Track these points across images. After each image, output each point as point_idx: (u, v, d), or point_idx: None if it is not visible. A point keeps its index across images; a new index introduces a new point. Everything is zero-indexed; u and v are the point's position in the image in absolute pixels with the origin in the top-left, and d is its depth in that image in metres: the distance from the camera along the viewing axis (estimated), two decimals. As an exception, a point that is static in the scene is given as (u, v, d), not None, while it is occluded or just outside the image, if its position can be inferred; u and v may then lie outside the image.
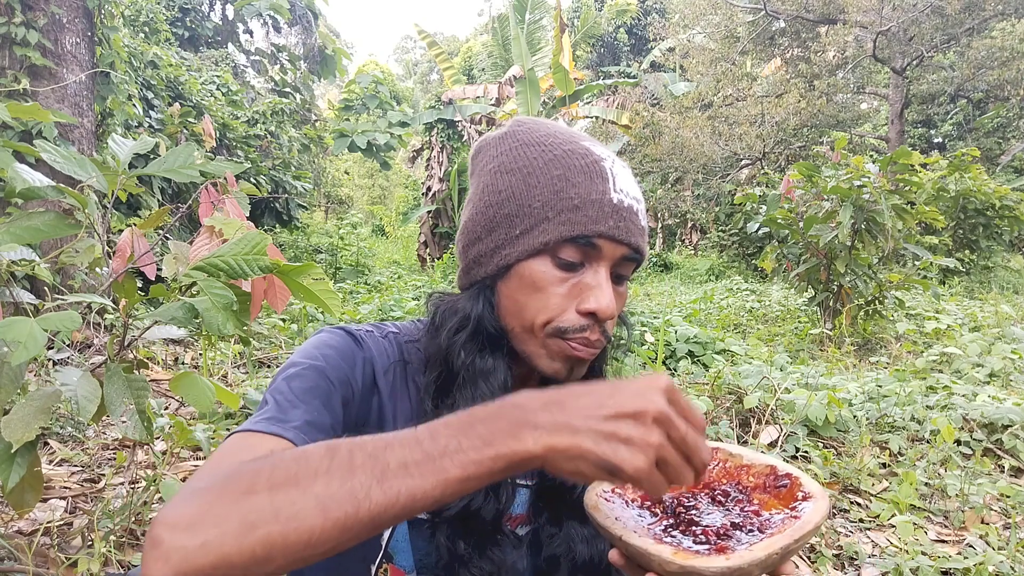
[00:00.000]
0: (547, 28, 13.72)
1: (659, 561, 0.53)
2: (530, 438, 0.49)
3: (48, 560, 1.56)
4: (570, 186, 0.70)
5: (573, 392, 0.52)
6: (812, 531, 0.53)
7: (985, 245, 8.55)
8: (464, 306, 0.75)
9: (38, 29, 3.89)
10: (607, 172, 0.72)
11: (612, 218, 0.70)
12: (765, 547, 0.52)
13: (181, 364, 3.75)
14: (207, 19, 13.47)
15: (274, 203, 8.65)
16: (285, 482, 0.50)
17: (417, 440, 0.51)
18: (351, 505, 0.49)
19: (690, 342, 4.15)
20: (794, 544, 0.52)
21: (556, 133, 0.76)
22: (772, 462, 0.62)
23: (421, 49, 35.40)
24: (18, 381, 1.25)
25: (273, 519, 0.48)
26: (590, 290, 0.70)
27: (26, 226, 1.25)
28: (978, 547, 1.99)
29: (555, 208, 0.70)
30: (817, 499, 0.56)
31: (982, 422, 2.80)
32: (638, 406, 0.49)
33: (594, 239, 0.70)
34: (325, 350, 0.73)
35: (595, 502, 0.63)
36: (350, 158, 19.14)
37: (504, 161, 0.75)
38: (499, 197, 0.74)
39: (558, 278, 0.71)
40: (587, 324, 0.70)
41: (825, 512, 0.55)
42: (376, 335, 0.79)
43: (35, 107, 1.41)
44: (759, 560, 0.51)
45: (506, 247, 0.72)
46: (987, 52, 12.31)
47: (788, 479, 0.60)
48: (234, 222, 1.40)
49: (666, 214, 16.56)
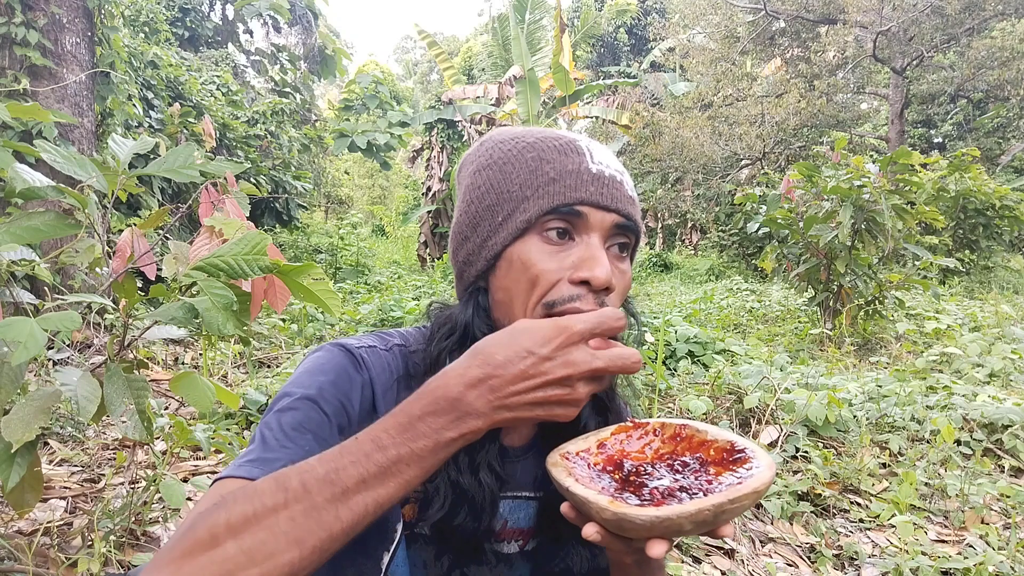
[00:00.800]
0: (547, 28, 13.72)
1: (596, 508, 0.56)
2: (472, 423, 0.54)
3: (48, 560, 1.56)
4: (545, 163, 0.70)
5: (491, 361, 0.55)
6: (749, 495, 0.54)
7: (985, 245, 8.55)
8: (454, 313, 0.75)
9: (38, 29, 3.89)
10: (583, 148, 0.72)
11: (592, 184, 0.69)
12: (697, 503, 0.53)
13: (181, 364, 3.75)
14: (207, 19, 13.47)
15: (274, 203, 8.65)
16: (246, 524, 0.51)
17: (366, 454, 0.53)
18: (323, 531, 0.51)
19: (690, 342, 4.15)
20: (728, 504, 0.53)
21: (531, 130, 0.76)
22: (733, 439, 0.63)
23: (421, 49, 35.41)
24: (18, 381, 1.25)
25: (249, 563, 0.49)
26: (582, 260, 0.67)
27: (26, 226, 1.25)
28: (978, 547, 1.99)
29: (532, 186, 0.70)
30: (763, 469, 0.57)
31: (982, 422, 2.80)
32: (563, 372, 0.55)
33: (576, 206, 0.68)
34: (319, 377, 0.70)
35: (555, 459, 0.65)
36: (350, 158, 19.14)
37: (481, 161, 0.75)
38: (479, 192, 0.73)
39: (547, 252, 0.68)
40: (577, 294, 0.66)
41: (767, 480, 0.56)
42: (379, 349, 0.76)
43: (35, 107, 1.41)
44: (688, 513, 0.52)
45: (491, 237, 0.71)
46: (987, 52, 12.31)
47: (743, 453, 0.61)
48: (234, 222, 1.40)
49: (666, 214, 16.56)
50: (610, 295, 0.68)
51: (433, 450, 0.54)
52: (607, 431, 0.70)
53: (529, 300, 0.68)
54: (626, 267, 0.72)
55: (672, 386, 3.20)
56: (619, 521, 0.54)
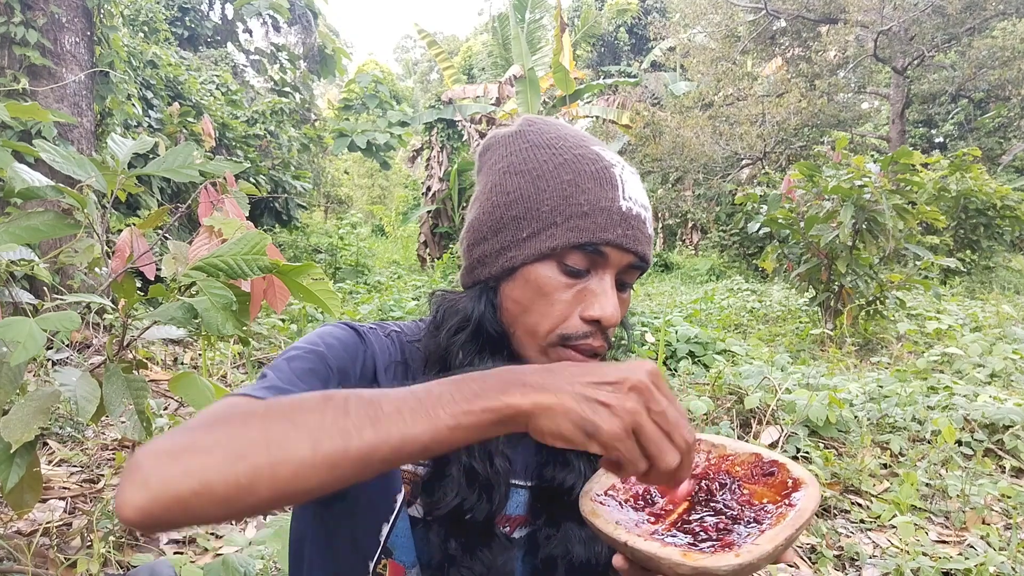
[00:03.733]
0: (547, 27, 13.71)
1: (669, 564, 0.53)
2: (519, 393, 0.52)
3: (47, 561, 1.55)
4: (580, 192, 0.70)
5: (565, 364, 0.56)
6: (810, 518, 0.54)
7: (986, 245, 8.55)
8: (466, 306, 0.75)
9: (37, 28, 3.88)
10: (617, 179, 0.71)
11: (621, 226, 0.69)
12: (770, 539, 0.52)
13: (180, 364, 3.75)
14: (206, 18, 13.47)
15: (273, 203, 8.65)
16: (280, 417, 0.50)
17: (412, 392, 0.53)
18: (342, 440, 0.49)
19: (691, 342, 4.15)
20: (795, 533, 0.53)
21: (567, 136, 0.75)
22: (755, 450, 0.62)
23: (421, 48, 35.40)
24: (17, 381, 1.24)
25: (264, 449, 0.48)
26: (595, 297, 0.69)
27: (25, 226, 1.24)
28: (979, 548, 1.99)
29: (564, 213, 0.70)
30: (808, 485, 0.56)
31: (983, 422, 2.80)
32: (619, 376, 0.53)
33: (602, 247, 0.69)
34: (328, 339, 0.72)
35: (591, 508, 0.62)
36: (350, 158, 19.14)
37: (513, 162, 0.74)
38: (507, 198, 0.73)
39: (563, 284, 0.70)
40: (590, 331, 0.70)
41: (818, 497, 0.55)
42: (379, 333, 0.78)
43: (34, 107, 1.40)
44: (767, 554, 0.51)
45: (512, 249, 0.72)
46: (988, 52, 12.30)
47: (775, 466, 0.60)
48: (233, 222, 1.40)
49: (666, 214, 16.55)
50: (610, 329, 0.71)
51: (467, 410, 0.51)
52: None
53: (540, 326, 0.70)
54: (626, 296, 0.75)
55: (673, 386, 3.20)
56: (697, 575, 0.52)
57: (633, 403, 0.52)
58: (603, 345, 0.71)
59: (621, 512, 0.62)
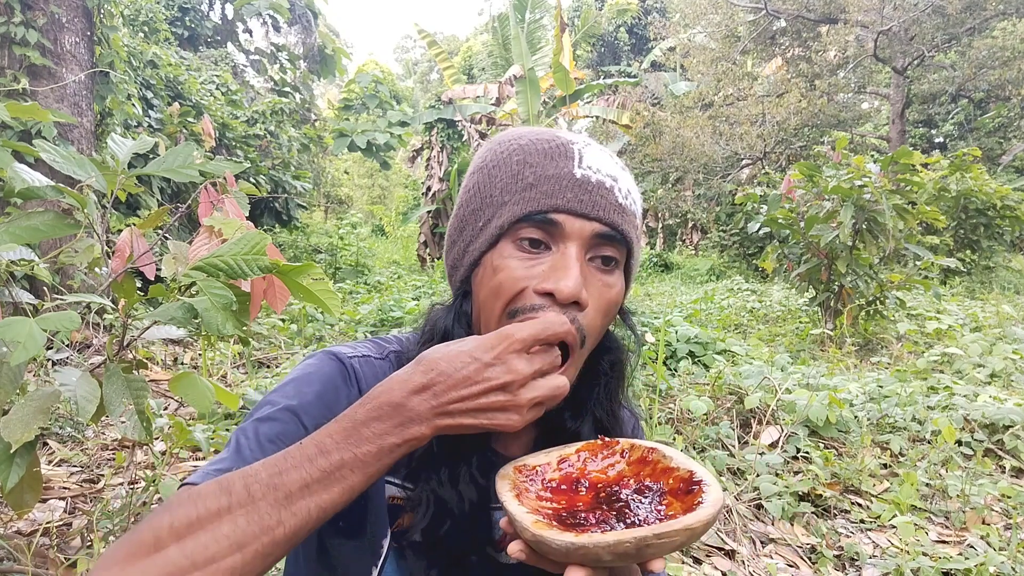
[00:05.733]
0: (547, 27, 13.71)
1: (520, 527, 0.55)
2: (415, 428, 0.55)
3: (47, 560, 1.55)
4: (527, 167, 0.67)
5: (435, 368, 0.56)
6: (680, 531, 0.52)
7: (986, 245, 8.54)
8: (439, 315, 0.74)
9: (37, 28, 3.88)
10: (572, 151, 0.68)
11: (571, 190, 0.65)
12: (618, 534, 0.52)
13: (180, 364, 3.75)
14: (206, 18, 13.47)
15: (273, 203, 8.65)
16: (188, 528, 0.51)
17: (309, 459, 0.54)
18: (266, 535, 0.51)
19: (691, 342, 4.15)
20: (654, 539, 0.51)
21: (530, 131, 0.72)
22: (694, 468, 0.62)
23: (421, 48, 35.41)
24: (17, 381, 1.24)
25: (191, 567, 0.49)
26: (552, 270, 0.64)
27: (25, 226, 1.24)
28: (979, 548, 1.99)
29: (511, 191, 0.67)
30: (706, 506, 0.55)
31: (983, 423, 2.80)
32: (505, 378, 0.55)
33: (550, 214, 0.65)
34: (305, 388, 0.69)
35: (507, 472, 0.64)
36: (350, 158, 19.14)
37: (476, 164, 0.73)
38: (467, 196, 0.72)
39: (519, 260, 0.66)
40: (542, 304, 0.64)
41: (704, 519, 0.54)
42: (373, 358, 0.75)
43: (34, 107, 1.40)
44: (606, 544, 0.51)
45: (473, 242, 0.70)
46: (988, 52, 12.30)
47: (697, 485, 0.59)
48: (233, 222, 1.40)
49: (667, 214, 16.56)
50: (583, 310, 0.65)
51: (377, 455, 0.54)
52: (572, 447, 0.68)
53: (496, 307, 0.67)
54: (613, 280, 0.68)
55: (672, 386, 3.20)
56: (537, 542, 0.53)
57: (525, 396, 0.56)
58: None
59: (535, 486, 0.63)
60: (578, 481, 0.64)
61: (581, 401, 0.73)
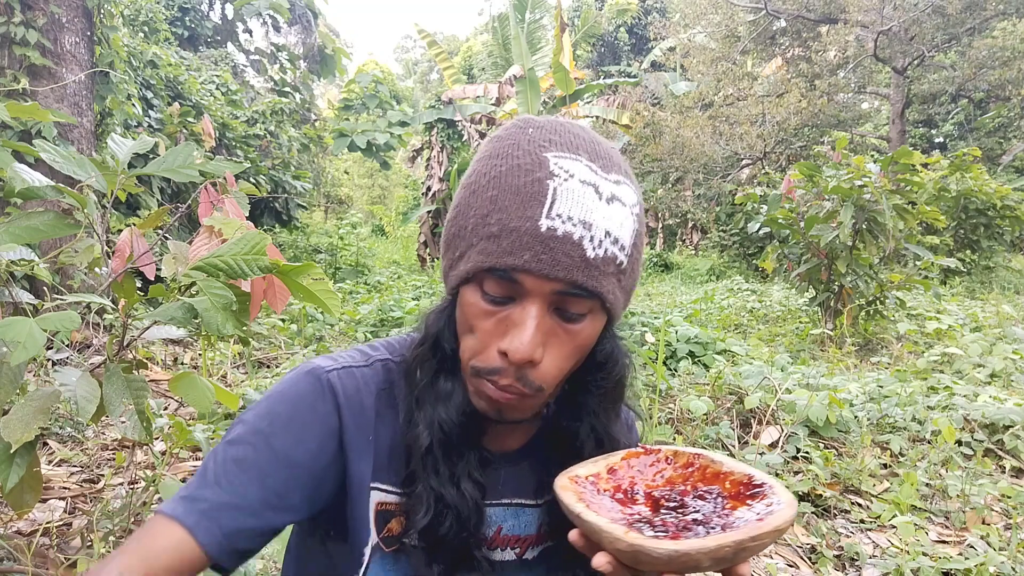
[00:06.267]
0: (547, 27, 13.71)
1: (610, 538, 0.53)
2: None
3: (47, 561, 1.55)
4: (496, 210, 0.61)
5: None
6: (771, 533, 0.53)
7: (986, 245, 8.54)
8: (430, 319, 0.72)
9: (37, 28, 3.88)
10: (545, 192, 0.60)
11: (531, 249, 0.59)
12: (717, 538, 0.52)
13: (180, 364, 3.75)
14: (206, 18, 13.47)
15: (274, 203, 8.65)
16: None
17: None
18: None
19: (691, 342, 4.15)
20: (750, 542, 0.52)
21: (528, 140, 0.64)
22: (751, 472, 0.62)
23: (421, 48, 35.39)
24: (17, 381, 1.24)
25: None
26: (509, 329, 0.62)
27: (25, 226, 1.24)
28: (979, 548, 1.99)
29: (479, 234, 0.63)
30: (784, 507, 0.56)
31: (983, 423, 2.80)
32: None
33: (511, 272, 0.61)
34: (277, 408, 0.68)
35: (564, 483, 0.63)
36: (350, 158, 19.14)
37: (469, 170, 0.69)
38: (453, 213, 0.68)
39: (485, 311, 0.63)
40: (500, 367, 0.63)
41: (789, 519, 0.54)
42: (357, 369, 0.73)
43: (34, 107, 1.40)
44: (708, 549, 0.51)
45: (452, 269, 0.68)
46: (988, 52, 12.29)
47: (761, 488, 0.60)
48: (233, 222, 1.40)
49: (667, 214, 16.56)
50: (536, 369, 0.63)
51: None
52: (617, 456, 0.68)
53: (464, 355, 0.66)
54: (579, 327, 0.64)
55: (672, 386, 3.20)
56: (635, 553, 0.52)
57: None
58: (513, 385, 0.63)
59: (595, 496, 0.62)
60: (632, 489, 0.64)
61: (578, 406, 0.73)
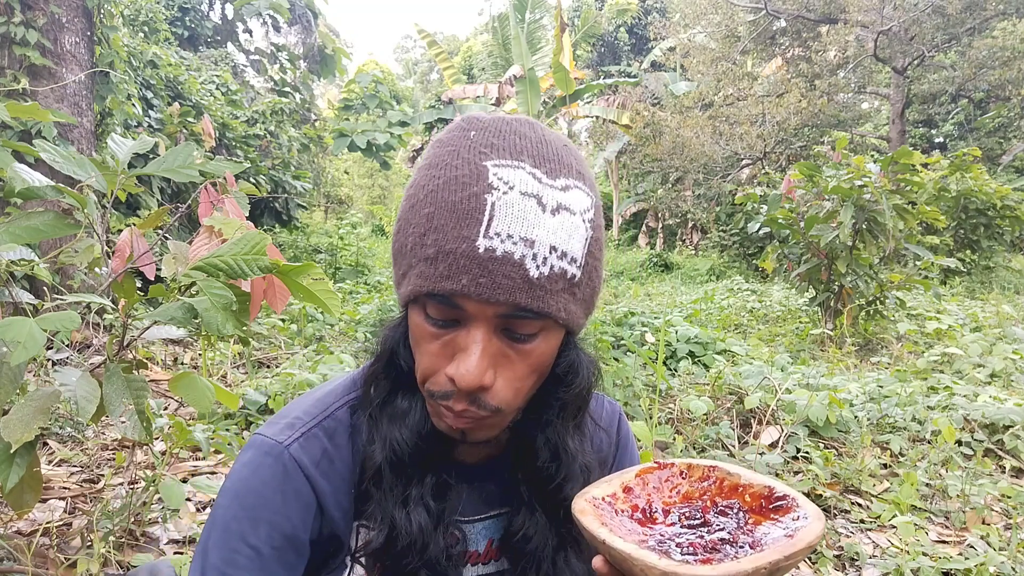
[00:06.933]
0: (547, 27, 13.72)
1: (642, 566, 0.52)
2: None
3: (47, 561, 1.55)
4: (432, 229, 0.58)
5: None
6: (804, 550, 0.52)
7: (986, 245, 8.54)
8: (385, 334, 0.70)
9: (37, 28, 3.88)
10: (483, 209, 0.56)
11: (469, 273, 0.56)
12: (752, 560, 0.51)
13: (180, 364, 3.75)
14: (206, 18, 13.47)
15: (273, 203, 8.65)
16: None
17: None
18: None
19: (691, 342, 4.15)
20: (784, 561, 0.51)
21: (469, 146, 0.60)
22: (771, 483, 0.61)
23: (421, 48, 35.40)
24: (17, 381, 1.24)
25: None
26: (456, 354, 0.60)
27: (25, 226, 1.25)
28: (979, 548, 1.99)
29: (417, 255, 0.59)
30: (812, 520, 0.55)
31: (983, 423, 2.80)
32: None
33: (451, 298, 0.58)
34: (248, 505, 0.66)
35: (582, 506, 0.62)
36: (350, 158, 19.14)
37: (411, 179, 0.65)
38: (396, 226, 0.64)
39: (431, 333, 0.61)
40: (452, 391, 0.60)
41: (819, 533, 0.53)
42: (317, 427, 0.70)
43: (34, 107, 1.40)
44: (744, 572, 0.50)
45: (399, 287, 0.65)
46: (988, 52, 12.30)
47: (784, 500, 0.59)
48: (233, 222, 1.40)
49: (667, 214, 16.57)
50: (490, 392, 0.60)
51: None
52: (631, 472, 0.66)
53: (418, 376, 0.64)
54: (531, 347, 0.61)
55: (672, 386, 3.20)
56: None
57: None
58: (468, 410, 0.61)
59: (614, 518, 0.61)
60: (650, 508, 0.63)
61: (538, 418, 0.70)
